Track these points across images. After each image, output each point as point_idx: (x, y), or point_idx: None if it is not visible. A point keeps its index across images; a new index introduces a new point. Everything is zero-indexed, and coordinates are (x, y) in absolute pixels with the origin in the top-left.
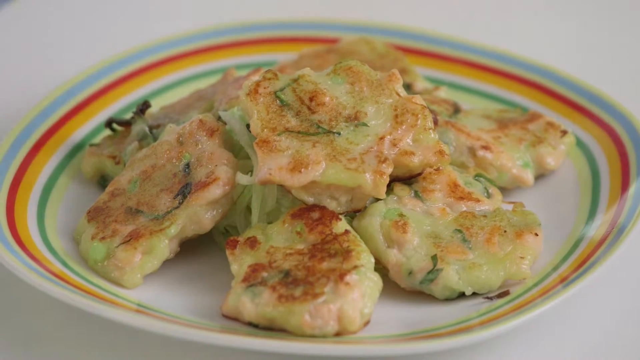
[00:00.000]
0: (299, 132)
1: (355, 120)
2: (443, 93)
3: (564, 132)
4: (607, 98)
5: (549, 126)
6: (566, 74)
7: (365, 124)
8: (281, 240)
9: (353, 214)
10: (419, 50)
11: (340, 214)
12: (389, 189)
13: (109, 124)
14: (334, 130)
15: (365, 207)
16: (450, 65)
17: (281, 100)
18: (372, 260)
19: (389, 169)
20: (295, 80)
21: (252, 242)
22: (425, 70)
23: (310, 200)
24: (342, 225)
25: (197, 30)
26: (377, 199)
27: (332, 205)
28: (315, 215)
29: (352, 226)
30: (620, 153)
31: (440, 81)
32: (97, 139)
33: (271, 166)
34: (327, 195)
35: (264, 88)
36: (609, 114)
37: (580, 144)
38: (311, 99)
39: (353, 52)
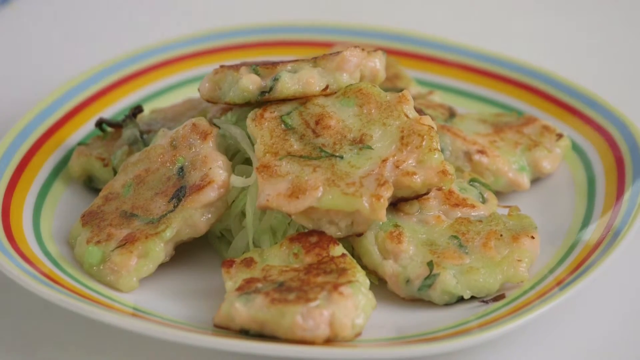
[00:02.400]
0: (300, 157)
1: (360, 143)
2: (437, 97)
3: (560, 136)
4: (602, 101)
5: (545, 130)
6: (562, 78)
7: (369, 147)
8: (277, 261)
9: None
10: (413, 53)
11: (341, 238)
12: (395, 208)
13: (99, 124)
14: (337, 154)
15: None
16: (444, 69)
17: (286, 124)
18: (368, 282)
19: (387, 193)
20: (303, 104)
21: (248, 262)
22: (419, 73)
23: (309, 225)
24: (339, 249)
25: (191, 34)
26: None
27: (331, 230)
28: (313, 239)
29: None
30: (615, 156)
31: (435, 84)
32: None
33: (269, 192)
34: (327, 220)
35: (270, 113)
36: (604, 118)
37: (575, 147)
38: (317, 122)
39: None
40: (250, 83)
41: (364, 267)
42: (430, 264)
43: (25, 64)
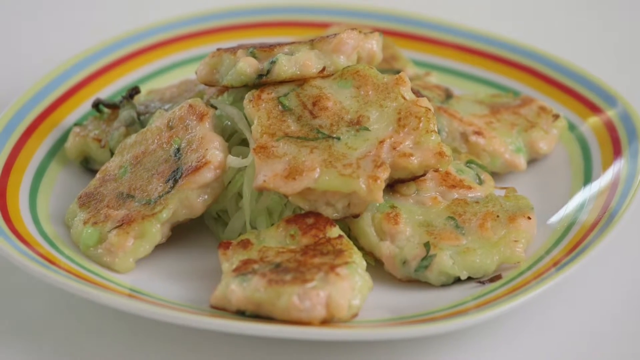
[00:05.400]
0: (298, 138)
1: (358, 124)
2: (434, 78)
3: (556, 116)
4: (599, 82)
5: (541, 110)
6: (558, 58)
7: (366, 128)
8: (274, 242)
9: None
10: (410, 34)
11: (338, 220)
12: (392, 190)
13: (96, 105)
14: (334, 135)
15: None
16: (441, 50)
17: (283, 106)
18: (364, 263)
19: (384, 174)
20: (300, 86)
21: (245, 243)
22: (415, 54)
23: (306, 206)
24: (336, 230)
25: (188, 15)
26: None
27: (328, 211)
28: (310, 220)
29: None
30: (612, 137)
31: (431, 65)
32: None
33: (266, 173)
34: (324, 201)
35: (267, 94)
36: (600, 98)
37: (572, 127)
38: (314, 104)
39: None
40: (247, 66)
41: (360, 248)
42: (427, 245)
43: (22, 45)
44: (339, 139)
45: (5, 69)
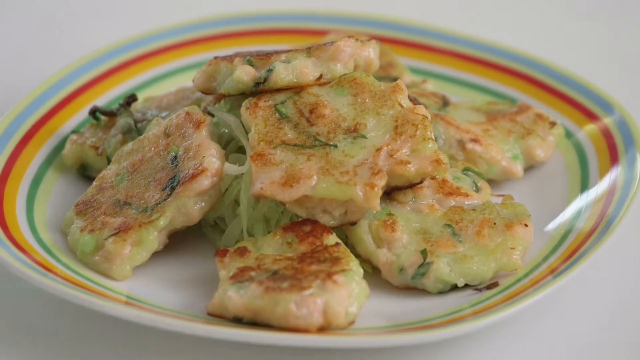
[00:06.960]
0: (295, 145)
1: (355, 132)
2: (431, 86)
3: (553, 124)
4: (595, 89)
5: (538, 118)
6: (555, 65)
7: (363, 136)
8: (271, 250)
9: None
10: (407, 41)
11: (335, 227)
12: (388, 197)
13: (93, 112)
14: (331, 143)
15: None
16: (438, 57)
17: (280, 113)
18: (361, 270)
19: (381, 181)
20: (297, 93)
21: (242, 251)
22: (412, 61)
23: (303, 214)
24: (333, 238)
25: (185, 22)
26: None
27: (325, 219)
28: (307, 228)
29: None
30: (608, 144)
31: (428, 73)
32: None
33: (264, 180)
34: (321, 209)
35: (265, 102)
36: (597, 105)
37: (569, 135)
38: (311, 111)
39: None
40: (244, 74)
41: (357, 255)
42: (424, 252)
43: (18, 52)
44: (336, 146)
45: (2, 76)
